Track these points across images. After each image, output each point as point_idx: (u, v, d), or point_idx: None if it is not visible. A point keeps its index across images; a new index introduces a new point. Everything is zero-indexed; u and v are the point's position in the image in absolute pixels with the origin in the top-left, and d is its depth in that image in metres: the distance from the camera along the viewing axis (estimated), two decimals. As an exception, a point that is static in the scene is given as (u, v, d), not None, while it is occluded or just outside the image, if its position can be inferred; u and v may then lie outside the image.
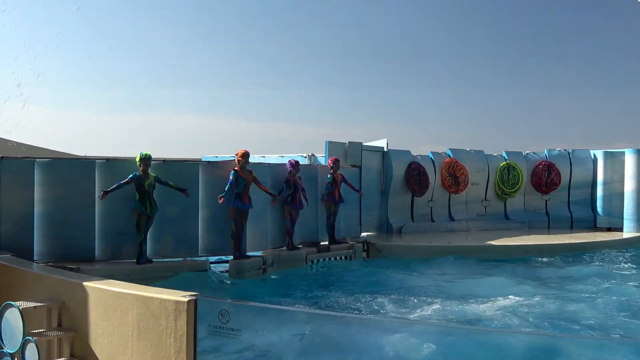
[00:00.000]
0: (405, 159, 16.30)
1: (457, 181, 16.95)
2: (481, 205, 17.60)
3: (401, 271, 11.52)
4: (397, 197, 16.09)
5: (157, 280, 9.08)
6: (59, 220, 9.51)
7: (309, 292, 9.66)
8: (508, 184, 17.68)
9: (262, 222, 11.48)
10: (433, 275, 11.20)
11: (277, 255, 11.44)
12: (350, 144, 14.57)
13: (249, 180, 10.65)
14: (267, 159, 14.73)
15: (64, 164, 9.93)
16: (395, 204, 16.04)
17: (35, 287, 6.45)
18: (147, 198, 9.66)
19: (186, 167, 10.63)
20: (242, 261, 10.61)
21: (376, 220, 15.67)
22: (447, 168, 16.86)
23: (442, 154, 17.27)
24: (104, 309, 5.46)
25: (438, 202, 16.87)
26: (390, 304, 8.79)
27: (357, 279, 10.90)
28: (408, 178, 16.11)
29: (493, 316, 8.08)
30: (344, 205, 13.21)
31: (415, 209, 16.50)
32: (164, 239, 10.27)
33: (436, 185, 16.75)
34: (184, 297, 4.95)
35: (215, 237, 10.73)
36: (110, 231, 9.87)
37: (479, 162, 17.62)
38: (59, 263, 8.95)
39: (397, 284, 10.22)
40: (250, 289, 9.76)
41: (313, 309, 7.83)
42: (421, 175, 16.28)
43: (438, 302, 8.79)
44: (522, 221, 17.65)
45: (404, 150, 16.55)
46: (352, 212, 14.11)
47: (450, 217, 17.06)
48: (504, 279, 10.79)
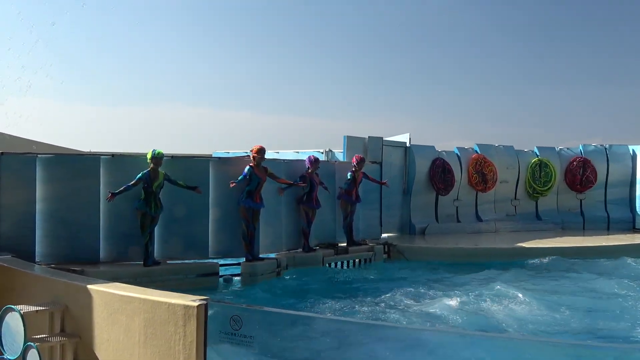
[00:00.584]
0: (429, 155, 16.22)
1: (485, 179, 16.85)
2: (511, 204, 17.49)
3: (425, 275, 11.45)
4: (421, 195, 16.03)
5: (165, 283, 9.10)
6: (62, 219, 9.57)
7: (326, 297, 9.62)
8: (540, 181, 17.56)
9: (276, 222, 11.48)
10: (459, 278, 11.11)
11: (292, 257, 11.43)
12: (370, 139, 14.52)
13: (263, 179, 10.65)
14: (282, 155, 14.72)
15: (67, 160, 10.00)
16: (418, 203, 15.97)
17: (37, 290, 6.49)
18: (153, 198, 9.70)
19: (196, 163, 10.65)
20: (254, 264, 10.61)
21: (398, 220, 15.62)
22: (474, 165, 16.76)
23: (468, 150, 17.16)
24: (109, 313, 5.47)
25: (464, 202, 16.78)
26: (414, 309, 8.73)
27: (377, 282, 10.86)
28: (432, 175, 16.03)
29: (522, 323, 8.00)
30: (363, 205, 13.17)
31: (439, 209, 16.41)
32: (172, 240, 10.30)
33: (462, 183, 16.67)
34: (193, 301, 4.94)
35: (226, 238, 10.75)
36: (116, 231, 9.92)
37: (509, 158, 17.49)
38: (61, 265, 9.00)
39: (420, 288, 10.14)
40: (264, 293, 9.76)
41: (331, 315, 7.80)
42: (446, 173, 16.20)
43: (466, 307, 8.71)
44: (554, 222, 17.52)
45: (428, 146, 16.47)
46: (372, 212, 14.06)
47: (478, 217, 16.97)
48: (535, 284, 10.67)
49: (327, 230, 12.69)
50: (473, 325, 7.93)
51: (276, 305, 8.23)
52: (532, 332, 7.76)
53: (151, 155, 9.74)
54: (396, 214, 15.53)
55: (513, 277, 11.23)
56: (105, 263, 9.80)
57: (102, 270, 9.32)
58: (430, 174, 16.05)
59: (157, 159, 9.73)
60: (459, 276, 11.32)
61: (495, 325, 7.99)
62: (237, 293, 9.94)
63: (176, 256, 10.40)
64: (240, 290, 10.07)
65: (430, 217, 16.27)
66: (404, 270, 12.03)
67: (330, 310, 8.74)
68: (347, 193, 12.69)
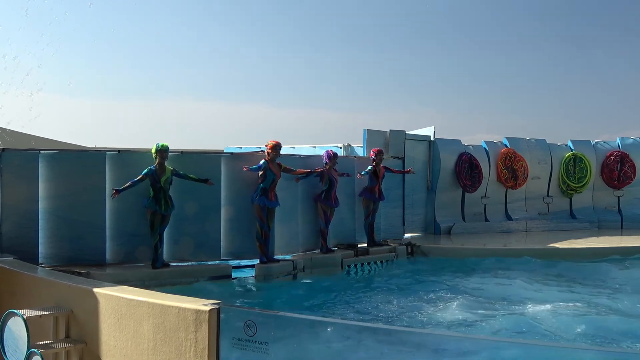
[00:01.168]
0: (455, 150, 16.16)
1: (515, 175, 16.74)
2: (543, 202, 17.40)
3: (451, 277, 11.39)
4: (446, 193, 15.98)
5: (175, 286, 9.13)
6: (66, 219, 9.63)
7: (345, 300, 9.62)
8: (574, 177, 17.43)
9: (292, 221, 11.48)
10: (488, 281, 11.04)
11: (310, 259, 11.43)
12: (392, 133, 14.47)
13: (278, 175, 10.65)
14: (298, 150, 14.72)
15: (72, 157, 10.05)
16: (443, 201, 15.92)
17: (40, 293, 6.54)
18: (162, 195, 9.72)
19: (206, 159, 10.67)
20: (269, 265, 10.62)
21: (422, 219, 15.58)
22: (504, 160, 16.67)
23: (497, 144, 17.07)
24: (116, 318, 5.49)
25: (493, 199, 16.71)
26: (439, 313, 8.69)
27: (400, 285, 10.82)
28: (458, 171, 15.96)
29: (556, 329, 7.94)
30: (385, 203, 13.12)
31: (466, 207, 16.36)
32: (183, 241, 10.33)
33: (491, 179, 16.59)
34: (205, 305, 4.94)
35: (239, 239, 10.76)
36: (123, 232, 9.97)
37: (541, 152, 17.39)
38: (66, 267, 9.06)
39: (446, 291, 10.10)
40: (279, 297, 9.76)
41: (351, 320, 7.78)
42: (473, 168, 16.14)
43: (495, 312, 8.65)
44: (590, 221, 17.40)
45: (454, 140, 16.41)
46: (395, 210, 14.02)
47: (507, 216, 16.88)
48: (570, 287, 10.58)
49: (346, 230, 12.67)
50: (503, 332, 7.87)
51: (292, 310, 8.23)
52: (567, 338, 7.69)
53: (155, 149, 9.77)
54: (420, 212, 15.48)
55: (546, 280, 11.14)
56: (111, 265, 9.85)
57: (109, 272, 9.37)
58: (456, 169, 15.98)
59: (161, 151, 9.74)
60: (488, 279, 11.25)
61: (527, 331, 7.93)
62: (251, 297, 9.95)
63: (186, 257, 10.44)
64: (255, 294, 10.08)
65: (456, 215, 16.21)
66: (428, 272, 11.98)
67: (350, 315, 8.72)
68: (369, 190, 12.64)
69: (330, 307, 9.19)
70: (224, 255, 10.70)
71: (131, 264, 9.99)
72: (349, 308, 9.14)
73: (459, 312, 8.79)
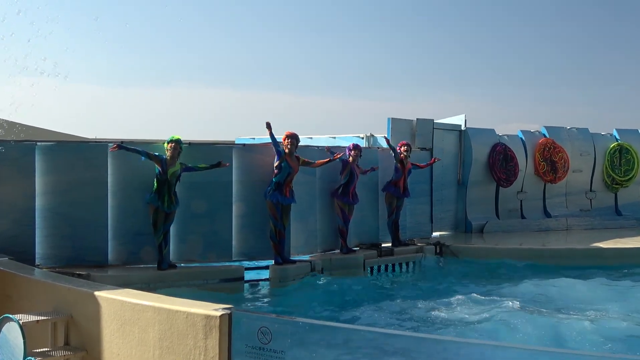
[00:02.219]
0: (488, 140, 16.09)
1: (555, 167, 16.66)
2: (585, 197, 17.31)
3: (484, 280, 11.35)
4: (478, 188, 15.93)
5: (182, 289, 9.17)
6: (64, 216, 9.68)
7: (368, 305, 9.60)
8: (620, 170, 17.33)
9: (310, 219, 11.48)
10: (524, 285, 10.98)
11: (329, 259, 11.43)
12: (419, 122, 14.42)
13: (295, 169, 10.61)
14: (316, 141, 14.72)
15: (71, 149, 10.10)
16: (475, 197, 15.87)
17: (37, 297, 6.59)
18: (167, 190, 9.70)
19: (216, 150, 10.67)
20: (285, 267, 10.63)
21: (451, 216, 15.55)
22: (542, 151, 16.60)
23: (535, 133, 16.99)
24: (119, 324, 5.52)
25: (530, 194, 16.64)
26: (471, 319, 8.65)
27: (427, 289, 10.79)
28: (492, 164, 15.89)
29: (603, 338, 7.88)
30: (411, 198, 13.08)
31: (500, 203, 16.29)
32: (191, 240, 10.36)
33: (527, 172, 16.54)
34: (215, 310, 4.96)
35: (252, 238, 10.78)
36: (127, 230, 10.01)
37: (583, 143, 17.28)
38: (65, 268, 9.12)
39: (478, 295, 10.04)
40: (296, 302, 9.77)
41: (374, 327, 7.76)
42: (508, 161, 16.06)
43: (534, 318, 8.59)
44: (638, 217, 17.30)
45: (487, 129, 16.34)
46: (421, 206, 13.98)
47: (546, 212, 16.81)
48: (617, 291, 10.50)
49: (368, 229, 12.65)
50: (541, 340, 7.83)
51: (310, 316, 8.24)
52: (611, 349, 7.64)
53: (169, 140, 9.79)
54: (449, 209, 15.44)
55: (589, 284, 11.06)
56: (114, 266, 9.90)
57: (111, 274, 9.41)
58: (490, 162, 15.91)
59: (174, 142, 9.74)
60: (525, 282, 11.19)
61: (567, 340, 7.88)
62: (266, 301, 9.97)
63: (195, 258, 10.46)
64: (269, 298, 10.10)
65: (490, 212, 16.16)
66: (458, 275, 11.94)
67: (373, 321, 8.71)
68: (393, 184, 12.60)
69: (351, 313, 9.18)
70: (235, 255, 10.72)
71: (135, 265, 10.03)
72: (372, 314, 9.12)
73: (494, 318, 8.74)
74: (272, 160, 10.60)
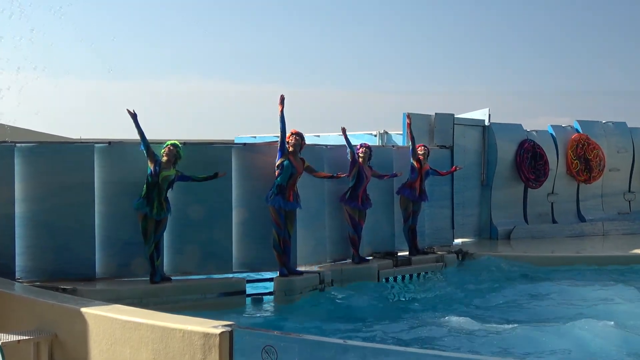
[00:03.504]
0: (515, 136, 16.12)
1: (589, 166, 16.68)
2: (623, 199, 17.35)
3: (513, 292, 11.32)
4: (504, 189, 15.95)
5: (178, 305, 9.20)
6: (47, 225, 9.70)
7: (383, 321, 9.60)
8: (662, 168, 17.31)
9: (318, 225, 11.50)
10: (558, 297, 10.96)
11: (339, 270, 11.42)
12: (438, 117, 14.42)
13: (299, 170, 10.59)
14: (324, 139, 14.72)
15: (53, 150, 10.09)
16: (501, 199, 15.89)
17: (18, 314, 6.60)
18: (157, 195, 9.69)
19: (213, 151, 10.69)
20: (291, 279, 10.62)
21: (475, 221, 15.58)
22: (575, 148, 16.62)
23: (567, 129, 17.00)
24: (109, 344, 5.53)
25: (562, 196, 16.69)
26: (501, 336, 8.62)
27: (449, 302, 10.76)
28: (519, 163, 15.90)
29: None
30: (430, 202, 13.09)
31: (529, 206, 16.33)
32: (186, 250, 10.37)
33: (559, 172, 16.57)
34: (215, 327, 4.97)
35: (254, 247, 10.79)
36: (116, 239, 10.02)
37: (620, 138, 17.32)
38: (48, 282, 9.14)
39: (507, 309, 10.04)
40: (303, 317, 9.76)
41: (390, 345, 7.78)
42: (538, 159, 16.07)
43: (572, 336, 8.55)
44: (682, 221, 17.22)
45: (513, 124, 16.37)
46: (442, 210, 13.99)
47: (580, 216, 16.85)
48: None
49: (383, 236, 12.66)
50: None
51: (319, 333, 8.25)
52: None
53: (167, 144, 9.81)
54: (473, 213, 15.46)
55: (629, 294, 11.02)
56: (102, 280, 9.92)
57: (99, 289, 9.42)
58: (517, 160, 15.92)
59: (172, 146, 9.76)
60: (558, 294, 11.17)
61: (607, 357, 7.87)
62: (270, 317, 9.98)
63: (191, 270, 10.47)
64: (274, 313, 10.11)
65: (517, 216, 16.18)
66: (484, 286, 11.89)
67: (389, 339, 8.71)
68: (408, 186, 12.59)
69: (365, 329, 9.19)
70: (236, 267, 10.73)
71: (126, 279, 10.05)
72: (388, 330, 9.12)
73: (523, 333, 8.72)
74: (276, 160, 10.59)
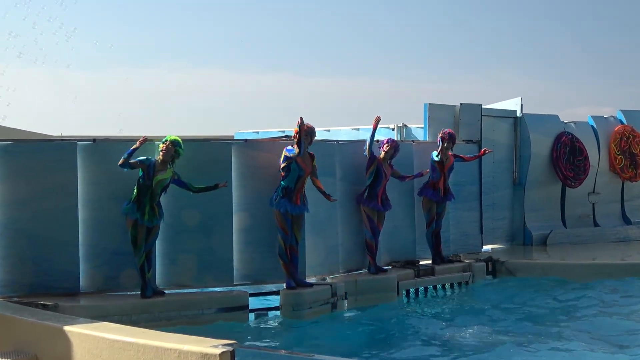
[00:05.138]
0: (550, 129, 16.11)
1: (635, 162, 16.69)
2: (675, 198, 17.20)
3: (551, 306, 11.31)
4: (539, 189, 15.95)
5: (172, 321, 9.22)
6: (25, 233, 9.70)
7: (403, 339, 9.62)
8: None
9: (329, 231, 11.49)
10: (606, 312, 10.93)
11: (354, 282, 11.42)
12: (464, 108, 14.41)
13: (307, 171, 10.56)
14: (335, 134, 14.72)
15: (31, 150, 10.08)
16: (535, 200, 15.89)
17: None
18: (149, 200, 9.68)
19: (211, 148, 10.69)
20: (299, 292, 10.62)
21: (506, 225, 15.58)
22: (618, 141, 16.62)
23: (609, 119, 16.99)
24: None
25: (605, 196, 16.69)
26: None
27: (479, 318, 10.72)
28: (556, 158, 15.89)
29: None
30: (456, 203, 13.08)
31: (567, 207, 16.32)
32: (181, 261, 10.38)
33: (601, 169, 16.58)
34: (214, 347, 4.98)
35: (258, 257, 10.80)
36: (103, 249, 10.03)
37: (671, 130, 17.18)
38: (27, 298, 9.17)
39: (547, 327, 10.00)
40: (313, 335, 9.78)
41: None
42: (576, 154, 16.06)
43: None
44: None
45: (549, 115, 16.36)
46: (469, 213, 13.98)
47: (625, 218, 16.88)
48: None
49: (403, 242, 12.68)
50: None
51: (331, 352, 8.24)
52: None
53: (165, 139, 9.79)
54: (504, 215, 15.46)
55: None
56: (88, 294, 9.94)
57: (84, 304, 9.45)
58: (553, 156, 15.91)
59: (170, 143, 9.75)
60: (605, 308, 11.13)
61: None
62: (276, 335, 9.98)
63: (187, 283, 10.50)
64: (280, 331, 10.11)
65: (554, 219, 16.18)
66: (518, 300, 11.86)
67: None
68: (430, 186, 12.57)
69: (382, 349, 9.19)
70: (237, 279, 10.74)
71: (114, 293, 10.08)
72: (409, 350, 9.13)
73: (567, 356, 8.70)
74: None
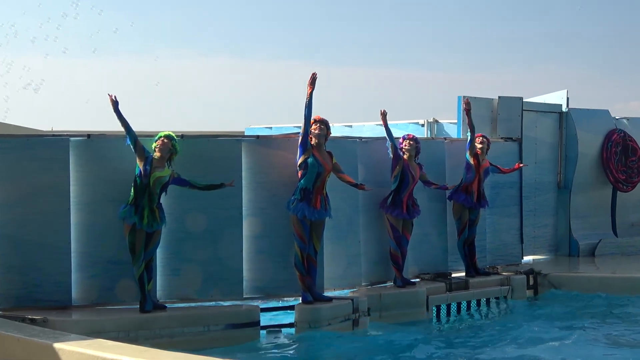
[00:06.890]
0: (600, 126, 16.11)
1: (696, 163, 16.53)
2: None
3: (601, 325, 11.28)
4: (587, 193, 15.93)
5: (174, 339, 9.25)
6: (11, 240, 9.74)
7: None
8: None
9: (351, 240, 11.50)
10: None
11: (377, 296, 11.41)
12: (503, 101, 14.38)
13: (327, 168, 10.53)
14: (357, 130, 14.71)
15: (18, 146, 10.10)
16: (583, 206, 15.88)
17: (-23, 351, 6.65)
18: (147, 202, 9.67)
19: (219, 145, 10.69)
20: (316, 307, 10.61)
21: (550, 233, 15.57)
22: (677, 140, 16.46)
23: (666, 115, 16.83)
24: (89, 388, 5.56)
25: (661, 201, 16.52)
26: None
27: (520, 339, 10.65)
28: (606, 159, 15.86)
29: None
30: (492, 209, 13.04)
31: (619, 214, 16.34)
32: (186, 271, 10.40)
33: (657, 170, 16.38)
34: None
35: (270, 267, 10.81)
36: (98, 257, 10.05)
37: None
38: (14, 311, 9.20)
39: (597, 348, 9.97)
40: (332, 355, 9.77)
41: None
42: (629, 154, 16.05)
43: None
44: None
45: (598, 110, 16.33)
46: (507, 220, 13.94)
47: (684, 227, 16.69)
48: None
49: (433, 252, 12.68)
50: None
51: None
52: None
53: (159, 135, 9.80)
54: (547, 223, 15.44)
55: None
56: (80, 308, 9.96)
57: (76, 319, 9.45)
58: (604, 156, 15.89)
59: (165, 138, 9.75)
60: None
61: None
62: (290, 355, 9.98)
63: (192, 296, 10.52)
64: (295, 350, 10.11)
65: (604, 227, 16.18)
66: (564, 317, 11.81)
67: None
68: (463, 190, 12.52)
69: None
70: (247, 292, 10.76)
71: (110, 306, 10.09)
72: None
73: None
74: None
